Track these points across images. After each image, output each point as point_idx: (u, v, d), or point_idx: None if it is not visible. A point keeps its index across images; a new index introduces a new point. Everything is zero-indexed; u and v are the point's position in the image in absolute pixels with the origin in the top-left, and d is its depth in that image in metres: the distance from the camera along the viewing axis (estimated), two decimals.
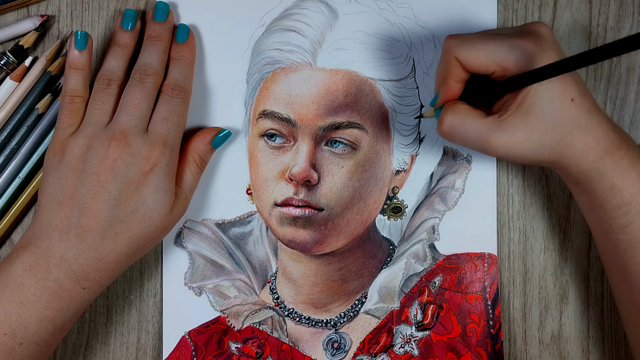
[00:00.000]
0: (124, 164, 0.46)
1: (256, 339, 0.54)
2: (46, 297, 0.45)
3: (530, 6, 0.54)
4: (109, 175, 0.46)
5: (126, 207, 0.46)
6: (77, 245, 0.46)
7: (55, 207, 0.46)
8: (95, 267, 0.46)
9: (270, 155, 0.53)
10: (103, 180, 0.46)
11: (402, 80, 0.53)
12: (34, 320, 0.45)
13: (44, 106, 0.53)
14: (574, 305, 0.55)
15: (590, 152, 0.44)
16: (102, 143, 0.46)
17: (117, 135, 0.47)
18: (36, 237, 0.46)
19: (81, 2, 0.54)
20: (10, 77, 0.52)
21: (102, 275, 0.47)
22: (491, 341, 0.54)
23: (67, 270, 0.45)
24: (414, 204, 0.55)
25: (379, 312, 0.55)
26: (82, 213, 0.46)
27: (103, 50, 0.54)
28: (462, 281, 0.54)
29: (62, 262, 0.45)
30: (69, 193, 0.46)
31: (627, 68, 0.55)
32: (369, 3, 0.53)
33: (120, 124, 0.47)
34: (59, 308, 0.46)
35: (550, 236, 0.55)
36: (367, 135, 0.53)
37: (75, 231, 0.46)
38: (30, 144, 0.52)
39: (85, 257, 0.46)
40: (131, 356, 0.55)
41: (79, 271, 0.46)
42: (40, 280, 0.45)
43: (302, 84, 0.52)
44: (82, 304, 0.47)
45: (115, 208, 0.46)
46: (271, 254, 0.55)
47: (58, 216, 0.46)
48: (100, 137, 0.47)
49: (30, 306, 0.45)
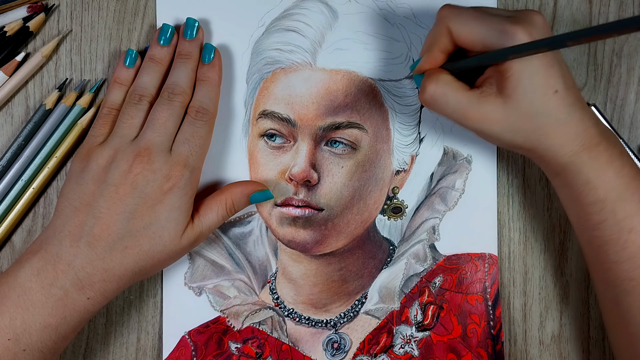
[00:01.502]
0: (144, 179, 0.46)
1: (256, 339, 0.54)
2: (51, 304, 0.45)
3: (530, 6, 0.54)
4: (127, 189, 0.46)
5: (139, 222, 0.46)
6: (86, 253, 0.46)
7: (71, 213, 0.47)
8: (101, 278, 0.46)
9: (270, 155, 0.53)
10: (122, 193, 0.46)
11: (402, 80, 0.53)
12: (38, 326, 0.45)
13: (52, 102, 0.53)
14: (575, 305, 0.55)
15: (568, 145, 0.44)
16: (126, 157, 0.47)
17: (142, 152, 0.47)
18: (48, 242, 0.46)
19: (81, 1, 0.54)
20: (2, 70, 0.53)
21: (107, 287, 0.46)
22: (492, 342, 0.54)
23: (74, 277, 0.45)
24: (414, 204, 0.54)
25: (379, 312, 0.55)
26: (96, 222, 0.46)
27: (103, 51, 0.54)
28: (462, 282, 0.54)
29: (70, 268, 0.45)
30: (86, 201, 0.47)
31: (627, 68, 0.55)
32: (368, 3, 0.53)
33: (146, 141, 0.47)
34: (63, 316, 0.45)
35: (551, 236, 0.55)
36: (367, 135, 0.53)
37: (87, 239, 0.46)
38: (38, 140, 0.53)
39: (93, 266, 0.46)
40: (131, 356, 0.55)
41: (85, 279, 0.46)
42: (47, 286, 0.45)
43: (302, 84, 0.52)
44: (85, 314, 0.46)
45: (129, 221, 0.46)
46: (271, 254, 0.55)
47: (72, 222, 0.46)
48: (125, 150, 0.47)
49: (35, 312, 0.45)
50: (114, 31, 0.54)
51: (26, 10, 0.53)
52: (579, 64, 0.55)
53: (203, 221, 0.49)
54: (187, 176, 0.48)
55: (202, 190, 0.54)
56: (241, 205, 0.51)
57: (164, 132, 0.48)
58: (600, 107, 0.54)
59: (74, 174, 0.48)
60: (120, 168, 0.47)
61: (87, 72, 0.54)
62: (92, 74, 0.54)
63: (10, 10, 0.54)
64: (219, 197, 0.50)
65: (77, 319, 0.46)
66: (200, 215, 0.49)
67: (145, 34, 0.54)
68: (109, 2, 0.54)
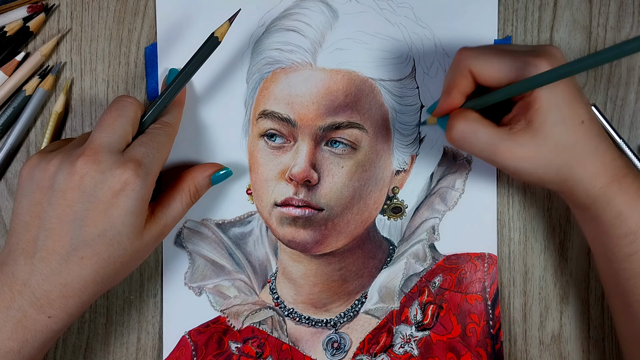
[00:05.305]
0: (92, 181, 0.43)
1: (256, 338, 0.54)
2: (10, 327, 0.43)
3: (530, 6, 0.54)
4: (75, 194, 0.43)
5: (93, 229, 0.43)
6: (41, 270, 0.43)
7: (23, 229, 0.44)
8: (60, 294, 0.43)
9: (270, 156, 0.53)
10: (69, 198, 0.43)
11: (402, 80, 0.53)
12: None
13: (31, 88, 0.54)
14: (575, 305, 0.55)
15: (598, 177, 0.44)
16: (71, 159, 0.44)
17: (87, 152, 0.44)
18: (3, 262, 0.44)
19: (81, 1, 0.54)
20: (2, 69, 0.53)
21: (68, 302, 0.44)
22: (491, 341, 0.54)
23: (31, 297, 0.43)
24: (414, 204, 0.54)
25: (379, 312, 0.55)
26: (48, 234, 0.43)
27: (103, 51, 0.54)
28: (462, 281, 0.54)
29: (26, 288, 0.43)
30: (36, 212, 0.44)
31: (628, 68, 0.55)
32: (369, 3, 0.53)
33: (91, 141, 0.45)
34: (24, 339, 0.43)
35: (551, 236, 0.55)
36: (367, 135, 0.53)
37: (40, 254, 0.43)
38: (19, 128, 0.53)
39: (49, 283, 0.43)
40: (131, 356, 0.55)
41: (43, 298, 0.43)
42: (4, 309, 0.43)
43: (302, 83, 0.52)
44: (49, 334, 0.44)
45: (81, 229, 0.43)
46: (271, 254, 0.55)
47: (25, 238, 0.44)
48: (71, 153, 0.44)
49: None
50: (114, 31, 0.54)
51: (26, 10, 0.53)
52: None
53: (167, 213, 0.48)
54: (143, 177, 0.44)
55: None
56: (204, 189, 0.50)
57: (111, 132, 0.45)
58: (600, 107, 0.54)
59: (21, 187, 0.45)
60: (65, 171, 0.43)
61: (87, 72, 0.54)
62: (92, 74, 0.54)
63: (10, 10, 0.53)
64: (181, 186, 0.49)
65: (40, 340, 0.43)
66: (163, 207, 0.48)
67: (146, 34, 0.54)
68: (109, 2, 0.54)
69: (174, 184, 0.49)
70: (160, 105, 0.48)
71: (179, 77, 0.48)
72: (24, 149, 0.55)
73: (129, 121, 0.46)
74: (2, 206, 0.55)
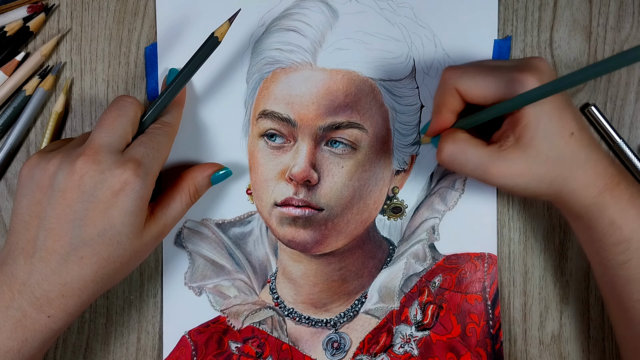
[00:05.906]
0: (92, 181, 0.43)
1: (256, 338, 0.54)
2: (9, 327, 0.43)
3: (530, 6, 0.54)
4: (75, 193, 0.43)
5: (92, 229, 0.43)
6: (40, 269, 0.43)
7: (23, 229, 0.44)
8: (60, 293, 0.43)
9: (270, 155, 0.53)
10: (69, 198, 0.43)
11: (402, 80, 0.53)
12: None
13: (31, 88, 0.53)
14: (574, 305, 0.55)
15: (591, 187, 0.44)
16: (71, 159, 0.44)
17: (86, 152, 0.44)
18: (3, 262, 0.44)
19: (81, 1, 0.54)
20: (2, 69, 0.53)
21: (68, 302, 0.44)
22: (491, 341, 0.54)
23: (30, 296, 0.43)
24: (414, 204, 0.54)
25: (379, 312, 0.55)
26: (47, 234, 0.43)
27: (103, 51, 0.54)
28: (462, 281, 0.54)
29: (25, 288, 0.43)
30: (35, 212, 0.44)
31: (627, 68, 0.55)
32: (369, 3, 0.53)
33: (91, 141, 0.45)
34: (24, 339, 0.43)
35: (550, 236, 0.55)
36: (367, 135, 0.53)
37: (40, 254, 0.43)
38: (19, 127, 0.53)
39: (49, 282, 0.43)
40: (131, 356, 0.55)
41: (42, 297, 0.43)
42: (3, 309, 0.43)
43: (302, 83, 0.52)
44: (48, 333, 0.44)
45: (80, 229, 0.43)
46: (271, 254, 0.55)
47: (24, 238, 0.44)
48: (71, 153, 0.45)
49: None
50: (114, 31, 0.54)
51: (26, 10, 0.53)
52: (579, 64, 0.54)
53: (167, 213, 0.48)
54: (142, 177, 0.44)
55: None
56: (203, 189, 0.50)
57: (111, 132, 0.45)
58: (600, 107, 0.54)
59: (20, 187, 0.45)
60: (65, 170, 0.43)
61: (87, 72, 0.54)
62: (92, 74, 0.54)
63: (10, 10, 0.53)
64: (181, 186, 0.49)
65: (40, 339, 0.44)
66: (163, 207, 0.48)
67: (146, 34, 0.54)
68: (109, 2, 0.54)
69: (174, 184, 0.49)
70: (160, 105, 0.48)
71: (179, 77, 0.48)
72: (24, 149, 0.55)
73: (128, 121, 0.46)
74: (2, 206, 0.55)
